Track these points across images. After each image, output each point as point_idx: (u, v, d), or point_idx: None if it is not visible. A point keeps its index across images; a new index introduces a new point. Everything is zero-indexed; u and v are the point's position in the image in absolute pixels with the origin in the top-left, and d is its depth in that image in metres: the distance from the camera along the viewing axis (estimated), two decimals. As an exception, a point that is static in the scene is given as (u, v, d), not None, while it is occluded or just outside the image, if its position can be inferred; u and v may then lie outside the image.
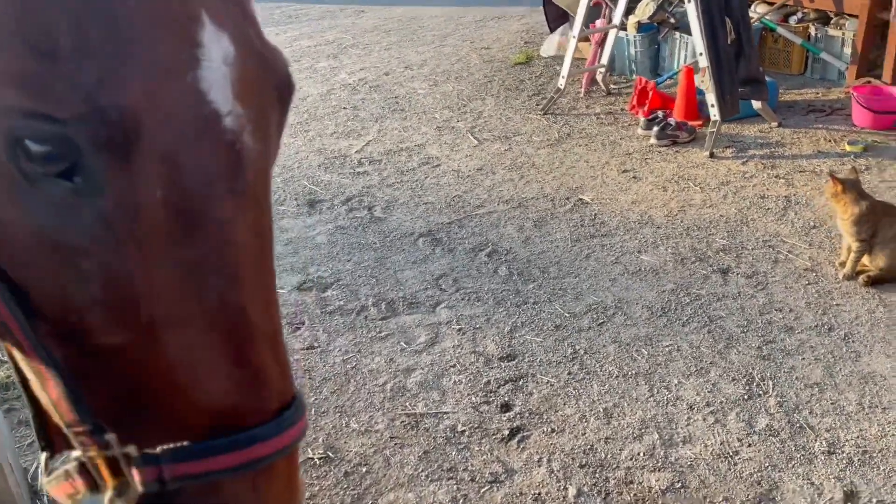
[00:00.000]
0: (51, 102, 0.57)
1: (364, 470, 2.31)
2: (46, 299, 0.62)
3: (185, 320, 0.64)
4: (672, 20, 5.35)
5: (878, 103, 4.37)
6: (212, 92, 0.63)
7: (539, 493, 2.20)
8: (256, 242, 0.68)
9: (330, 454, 2.37)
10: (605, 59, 5.29)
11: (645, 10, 5.39)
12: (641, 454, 2.31)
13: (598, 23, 5.42)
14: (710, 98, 4.24)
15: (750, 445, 2.31)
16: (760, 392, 2.52)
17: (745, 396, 2.50)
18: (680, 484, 2.20)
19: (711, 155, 4.25)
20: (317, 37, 7.62)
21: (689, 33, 5.11)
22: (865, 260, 3.06)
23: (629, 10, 5.33)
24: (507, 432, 2.42)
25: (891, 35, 4.75)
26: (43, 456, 0.70)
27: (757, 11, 5.29)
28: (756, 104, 4.56)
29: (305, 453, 2.38)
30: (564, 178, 4.15)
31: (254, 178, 0.67)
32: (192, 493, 0.65)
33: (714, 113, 4.25)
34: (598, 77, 5.34)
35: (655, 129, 4.46)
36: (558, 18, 6.27)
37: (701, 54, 4.21)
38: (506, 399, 2.57)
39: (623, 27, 5.38)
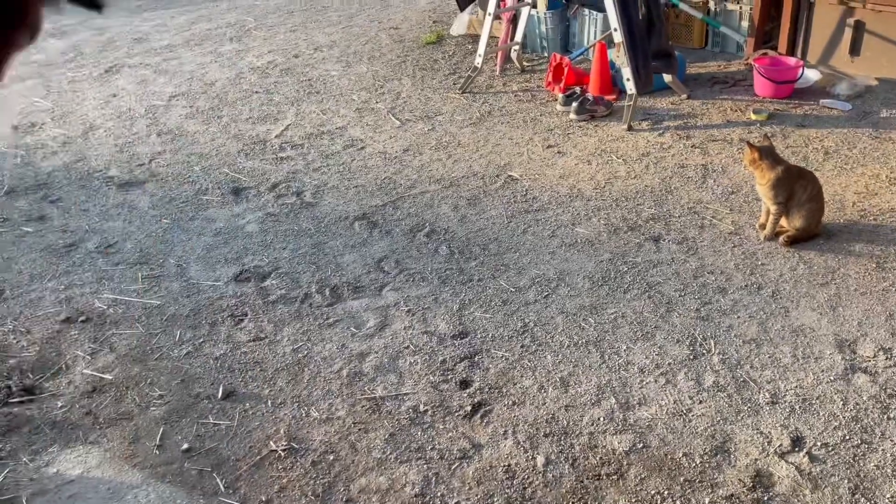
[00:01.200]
0: None
1: (331, 458, 2.27)
2: None
3: None
4: (581, -3, 5.46)
5: (778, 74, 4.63)
6: None
7: (509, 465, 2.23)
8: None
9: (294, 445, 2.32)
10: (518, 37, 5.35)
11: (554, -12, 5.48)
12: (601, 419, 2.38)
13: (509, 1, 5.47)
14: (626, 73, 4.37)
15: (701, 402, 2.42)
16: (704, 351, 2.64)
17: (691, 356, 2.62)
18: (641, 444, 2.28)
19: (629, 128, 4.39)
20: (216, 19, 7.32)
21: (598, 10, 5.25)
22: (783, 222, 3.25)
23: (539, -12, 5.40)
24: (469, 408, 2.44)
25: (784, 8, 5.04)
26: None
27: (660, -12, 5.47)
28: (667, 77, 4.74)
29: (268, 446, 2.32)
30: (491, 155, 4.18)
31: None
32: None
33: (630, 87, 4.38)
34: (513, 55, 5.40)
35: (574, 104, 4.55)
36: (467, -3, 6.27)
37: (615, 30, 4.32)
38: (464, 376, 2.58)
39: (533, 5, 5.45)
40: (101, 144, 4.58)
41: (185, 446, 2.34)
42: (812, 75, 4.82)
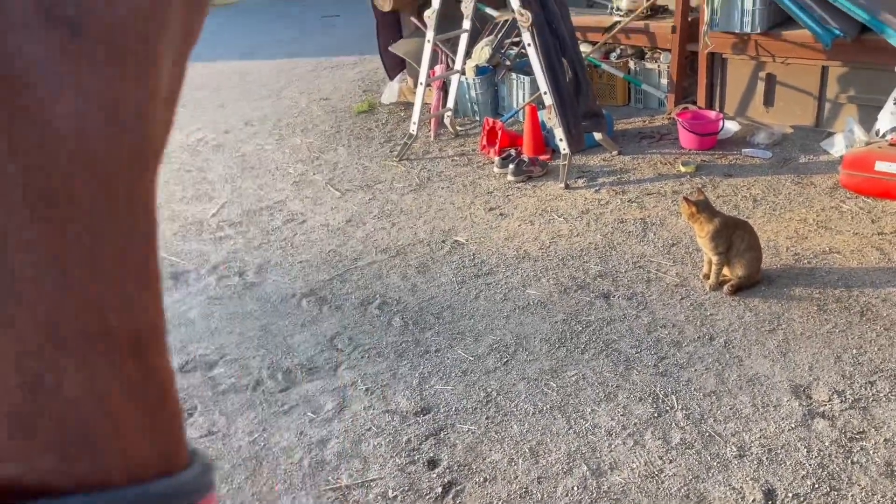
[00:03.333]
0: None
1: (300, 558, 2.15)
2: None
3: None
4: (507, 62, 5.62)
5: (701, 126, 4.83)
6: None
7: (487, 547, 2.15)
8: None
9: (259, 548, 2.19)
10: (450, 103, 5.44)
11: (481, 55, 5.62)
12: (575, 488, 2.34)
13: (438, 69, 5.58)
14: (559, 133, 4.48)
15: (671, 461, 2.41)
16: (667, 408, 2.65)
17: (655, 414, 2.62)
18: (618, 511, 2.24)
19: (567, 186, 4.48)
20: (141, 97, 7.20)
21: (525, 74, 5.41)
22: (726, 271, 3.34)
23: (467, 56, 5.53)
24: (440, 490, 2.36)
25: (700, 65, 5.29)
26: None
27: (582, 51, 5.68)
28: (597, 135, 4.88)
29: (230, 552, 2.18)
30: (435, 221, 4.18)
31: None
32: None
33: (563, 147, 4.49)
34: (446, 120, 5.48)
35: (511, 166, 4.63)
36: (396, 66, 6.38)
37: (545, 93, 4.44)
38: (430, 455, 2.51)
39: (462, 72, 5.56)
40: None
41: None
42: (732, 126, 5.05)
